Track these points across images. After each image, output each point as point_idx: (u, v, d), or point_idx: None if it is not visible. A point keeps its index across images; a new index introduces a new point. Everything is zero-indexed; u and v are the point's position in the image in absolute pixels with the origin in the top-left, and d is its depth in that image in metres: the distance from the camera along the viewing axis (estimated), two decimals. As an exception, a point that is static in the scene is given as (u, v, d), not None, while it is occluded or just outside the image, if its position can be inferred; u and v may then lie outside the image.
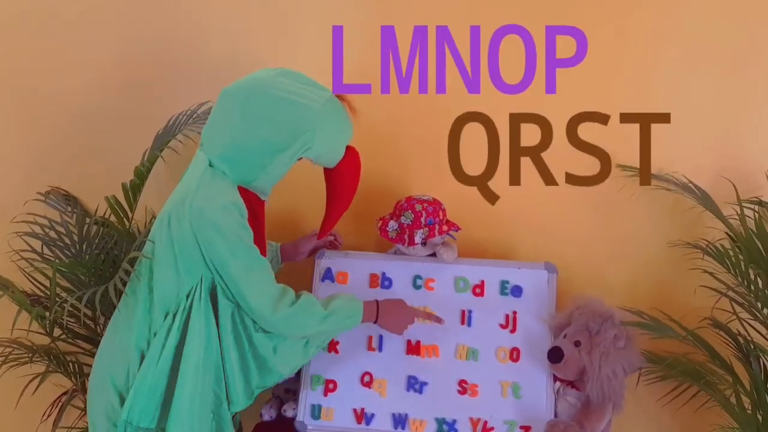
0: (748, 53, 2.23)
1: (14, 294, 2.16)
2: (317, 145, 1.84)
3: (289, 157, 1.83)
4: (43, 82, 2.55)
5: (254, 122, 1.80)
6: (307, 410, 2.14)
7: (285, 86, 1.82)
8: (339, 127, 1.90)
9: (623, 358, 2.01)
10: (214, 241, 1.79)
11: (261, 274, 1.86)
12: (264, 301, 1.84)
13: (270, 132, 1.80)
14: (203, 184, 1.82)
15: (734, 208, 2.16)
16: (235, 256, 1.81)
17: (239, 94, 1.83)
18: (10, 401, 2.40)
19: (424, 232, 2.16)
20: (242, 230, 1.82)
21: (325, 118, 1.83)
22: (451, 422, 2.09)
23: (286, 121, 1.80)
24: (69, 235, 2.28)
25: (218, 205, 1.79)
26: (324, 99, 1.84)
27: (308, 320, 1.89)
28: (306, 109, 1.81)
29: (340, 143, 1.93)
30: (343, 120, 1.91)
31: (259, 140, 1.81)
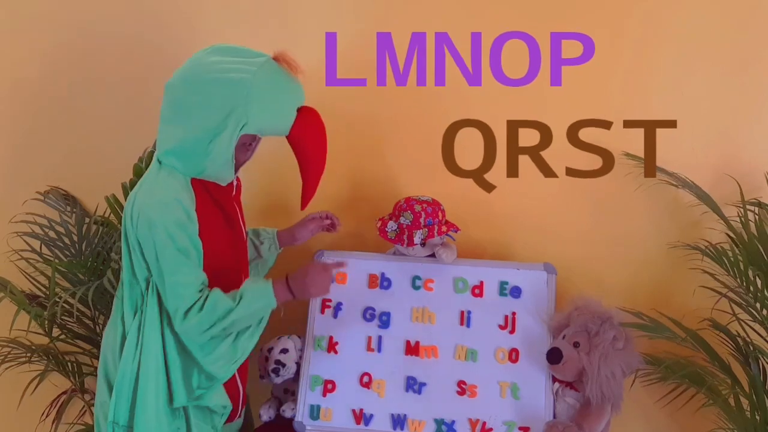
0: (748, 54, 2.23)
1: (13, 294, 2.16)
2: (253, 119, 1.75)
3: (228, 138, 1.75)
4: (43, 82, 2.54)
5: (188, 112, 1.76)
6: (306, 411, 2.15)
7: (214, 66, 1.76)
8: (277, 93, 1.80)
9: (622, 359, 2.01)
10: (146, 238, 1.77)
11: (184, 280, 1.78)
12: (179, 307, 1.79)
13: (204, 118, 1.74)
14: (147, 182, 1.82)
15: (734, 209, 2.16)
16: (161, 254, 1.76)
17: (174, 85, 1.79)
18: (10, 401, 2.40)
19: (423, 233, 2.16)
20: (177, 228, 1.76)
21: (257, 89, 1.74)
22: (450, 423, 2.09)
23: (217, 103, 1.73)
24: (68, 235, 2.28)
25: (156, 200, 1.76)
26: (256, 67, 1.76)
27: (216, 316, 1.80)
28: (234, 85, 1.73)
29: (282, 108, 1.82)
30: (280, 84, 1.80)
31: (195, 128, 1.75)
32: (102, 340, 1.97)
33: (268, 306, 1.87)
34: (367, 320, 2.20)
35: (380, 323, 2.19)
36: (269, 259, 2.22)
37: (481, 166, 2.38)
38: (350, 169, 2.45)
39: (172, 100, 1.79)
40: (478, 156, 2.37)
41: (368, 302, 2.22)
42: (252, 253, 2.17)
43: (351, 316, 2.21)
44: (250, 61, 1.77)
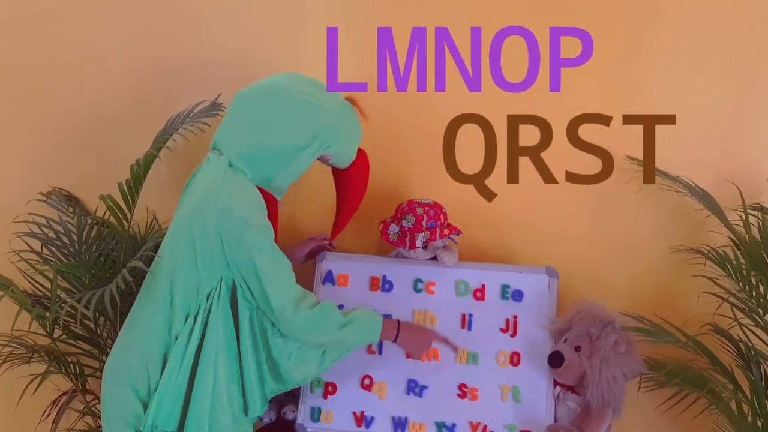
0: (751, 57, 2.23)
1: (14, 294, 2.15)
2: (336, 144, 1.94)
3: (310, 155, 1.90)
4: (44, 83, 2.54)
5: (276, 122, 1.86)
6: (307, 413, 2.14)
7: (301, 89, 1.90)
8: (353, 129, 2.01)
9: (623, 364, 2.01)
10: (241, 237, 1.79)
11: (285, 272, 1.86)
12: (286, 299, 1.83)
13: (291, 131, 1.86)
14: (227, 183, 1.83)
15: (737, 214, 2.16)
16: (261, 251, 1.81)
17: (259, 96, 1.89)
18: (10, 401, 2.39)
19: (425, 236, 2.16)
20: (268, 228, 1.85)
21: (342, 119, 1.95)
22: (450, 426, 2.09)
23: (307, 121, 1.88)
24: (68, 235, 2.27)
25: (246, 201, 1.82)
26: (339, 101, 1.96)
27: (327, 325, 1.87)
28: (324, 110, 1.90)
29: (354, 144, 2.04)
30: (356, 122, 2.01)
31: (281, 140, 1.86)
32: (115, 347, 1.95)
33: (372, 339, 2.00)
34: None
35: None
36: None
37: (483, 168, 2.37)
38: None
39: (254, 109, 1.88)
40: (480, 158, 2.37)
41: (370, 305, 2.20)
42: None
43: (352, 319, 2.21)
44: (331, 96, 1.95)
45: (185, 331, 1.85)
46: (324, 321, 1.87)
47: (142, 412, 1.85)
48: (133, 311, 1.94)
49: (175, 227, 1.90)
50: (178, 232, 1.87)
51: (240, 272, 1.84)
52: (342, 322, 1.89)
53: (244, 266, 1.82)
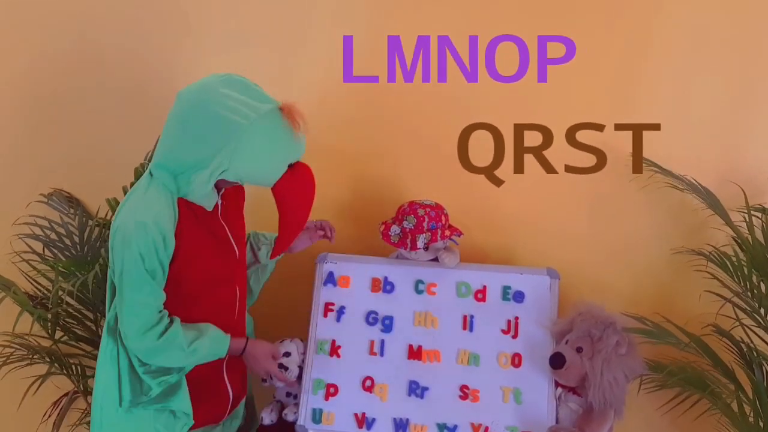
0: (752, 58, 2.23)
1: (16, 295, 2.16)
2: (234, 167, 1.75)
3: (207, 177, 1.76)
4: (45, 84, 2.55)
5: (188, 136, 1.75)
6: (308, 414, 2.14)
7: (222, 98, 1.73)
8: (268, 146, 1.77)
9: (625, 365, 2.01)
10: (118, 253, 1.78)
11: (144, 300, 1.79)
12: (135, 326, 1.80)
13: (197, 148, 1.74)
14: (133, 197, 1.82)
15: (740, 215, 2.16)
16: (127, 273, 1.77)
17: (183, 103, 1.77)
18: (12, 401, 2.40)
19: (426, 237, 2.16)
20: (150, 253, 1.76)
21: (249, 139, 1.73)
22: (452, 427, 2.09)
23: (211, 139, 1.73)
24: (70, 237, 2.28)
25: (133, 221, 1.76)
26: (258, 114, 1.73)
27: (169, 353, 1.84)
28: (231, 127, 1.71)
29: (270, 162, 1.81)
30: (276, 137, 1.78)
31: (189, 155, 1.76)
32: None
33: (218, 355, 1.93)
34: (369, 324, 2.20)
35: (383, 327, 2.19)
36: (268, 265, 2.22)
37: (482, 170, 2.38)
38: (353, 173, 2.45)
39: (178, 113, 1.78)
40: (481, 159, 2.37)
41: (371, 306, 2.21)
42: (250, 258, 2.17)
43: (354, 320, 2.21)
44: (255, 106, 1.74)
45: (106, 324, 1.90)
46: (166, 350, 1.83)
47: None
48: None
49: None
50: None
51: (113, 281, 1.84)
52: (186, 351, 1.84)
53: (116, 278, 1.81)
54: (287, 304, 2.34)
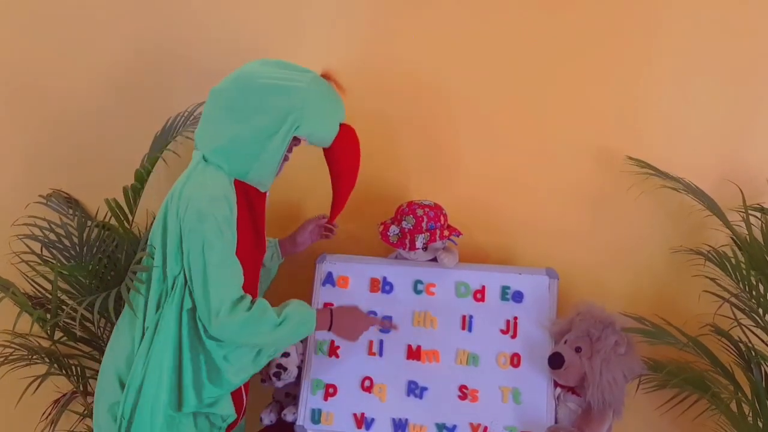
0: (751, 60, 2.23)
1: (15, 296, 2.15)
2: (306, 122, 1.84)
3: (281, 139, 1.83)
4: (44, 84, 2.55)
5: (243, 112, 1.82)
6: (307, 414, 2.14)
7: (268, 73, 1.84)
8: (327, 104, 1.90)
9: (624, 365, 2.01)
10: (194, 229, 1.79)
11: (230, 272, 1.82)
12: (224, 300, 1.80)
13: (259, 118, 1.81)
14: (195, 175, 1.85)
15: (738, 214, 2.16)
16: (210, 246, 1.79)
17: (226, 89, 1.86)
18: (10, 401, 2.39)
19: (425, 237, 2.16)
20: (225, 224, 1.81)
21: (311, 96, 1.84)
22: (451, 427, 2.09)
23: (273, 106, 1.81)
24: (69, 238, 2.28)
25: (207, 194, 1.80)
26: (308, 79, 1.86)
27: (262, 327, 1.84)
28: (291, 90, 1.82)
29: (331, 120, 1.93)
30: (330, 97, 1.91)
31: (250, 128, 1.82)
32: (112, 338, 1.98)
33: (307, 333, 1.97)
34: (381, 330, 2.19)
35: (382, 329, 2.19)
36: (272, 269, 2.23)
37: (484, 170, 2.38)
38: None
39: (223, 102, 1.85)
40: (480, 159, 2.37)
41: (370, 306, 2.21)
42: None
43: (353, 320, 2.21)
44: (301, 74, 1.86)
45: (153, 322, 1.87)
46: (258, 322, 1.84)
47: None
48: (123, 312, 1.97)
49: (154, 226, 1.93)
50: (157, 230, 1.90)
51: (189, 265, 1.82)
52: (276, 322, 1.86)
53: (193, 259, 1.81)
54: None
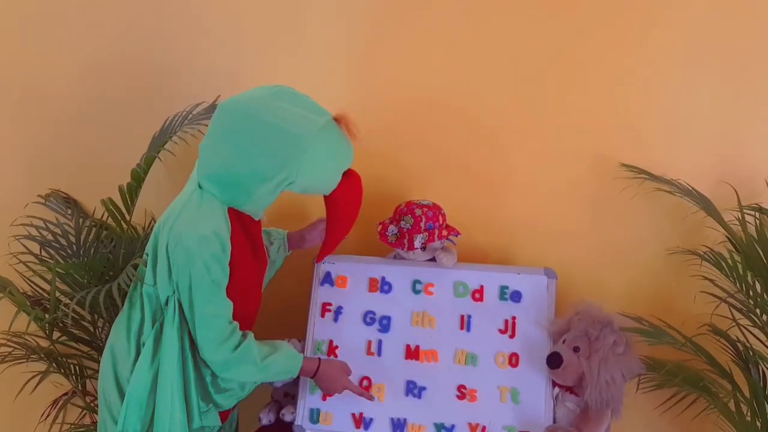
0: (748, 61, 2.23)
1: (13, 295, 2.15)
2: (301, 179, 1.80)
3: (273, 187, 1.80)
4: (42, 84, 2.55)
5: (244, 148, 1.76)
6: (306, 414, 2.14)
7: (279, 111, 1.76)
8: (331, 156, 1.83)
9: (622, 364, 2.01)
10: (182, 267, 1.79)
11: (215, 311, 1.83)
12: (210, 339, 1.83)
13: (257, 160, 1.76)
14: (189, 208, 1.81)
15: (734, 214, 2.16)
16: (197, 287, 1.79)
17: (234, 115, 1.78)
18: (9, 401, 2.39)
19: (423, 237, 2.16)
20: (215, 264, 1.79)
21: (313, 150, 1.76)
22: (449, 427, 2.09)
23: (274, 151, 1.75)
24: (66, 237, 2.27)
25: (197, 234, 1.77)
26: (318, 126, 1.77)
27: (245, 367, 1.88)
28: (295, 139, 1.74)
29: (332, 172, 1.87)
30: (336, 148, 1.84)
31: (247, 167, 1.77)
32: (109, 339, 1.97)
33: (290, 375, 2.00)
34: (367, 324, 2.20)
35: (380, 327, 2.19)
36: (277, 261, 2.22)
37: (482, 170, 2.38)
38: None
39: (228, 126, 1.78)
40: (479, 159, 2.38)
41: (368, 306, 2.22)
42: None
43: (351, 320, 2.21)
44: (313, 118, 1.78)
45: (151, 336, 1.87)
46: (242, 363, 1.87)
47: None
48: (121, 311, 1.98)
49: (150, 242, 1.92)
50: (151, 246, 1.91)
51: (179, 294, 1.84)
52: (259, 366, 1.88)
53: (182, 293, 1.82)
54: (284, 304, 2.34)
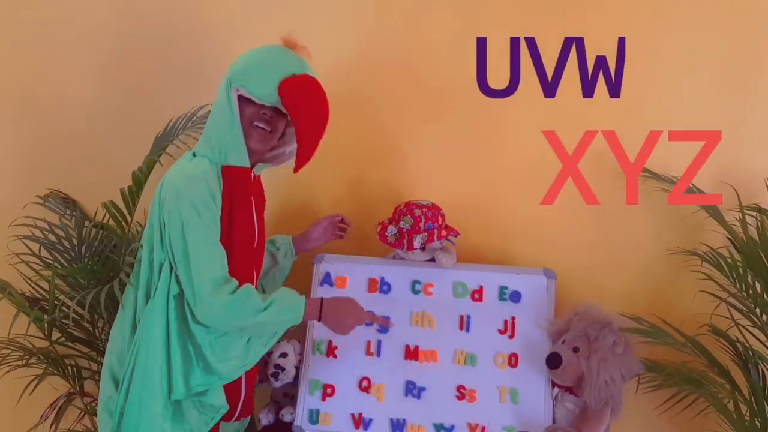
0: (747, 61, 2.24)
1: (12, 296, 2.15)
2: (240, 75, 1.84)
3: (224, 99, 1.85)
4: (42, 85, 2.55)
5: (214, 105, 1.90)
6: (305, 415, 2.14)
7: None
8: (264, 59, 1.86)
9: (621, 364, 2.01)
10: (172, 210, 1.79)
11: (210, 251, 1.80)
12: (206, 280, 1.78)
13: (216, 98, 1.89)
14: (178, 164, 1.90)
15: (733, 215, 2.16)
16: (188, 226, 1.78)
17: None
18: (8, 403, 2.39)
19: (422, 237, 2.16)
20: (202, 205, 1.79)
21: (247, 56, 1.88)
22: (449, 427, 2.09)
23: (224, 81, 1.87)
24: (68, 239, 2.27)
25: (183, 175, 1.82)
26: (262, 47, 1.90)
27: (246, 309, 1.80)
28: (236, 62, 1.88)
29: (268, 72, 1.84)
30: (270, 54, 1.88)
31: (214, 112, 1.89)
32: (110, 338, 1.97)
33: (294, 320, 1.89)
34: (366, 324, 2.19)
35: (380, 327, 2.19)
36: (285, 267, 2.23)
37: (481, 171, 2.39)
38: (350, 173, 2.45)
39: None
40: (478, 159, 2.38)
41: (368, 306, 2.19)
42: (268, 263, 2.18)
43: (350, 321, 2.21)
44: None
45: (143, 313, 1.87)
46: (243, 306, 1.80)
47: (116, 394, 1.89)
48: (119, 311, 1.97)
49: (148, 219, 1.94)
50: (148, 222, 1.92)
51: (171, 248, 1.82)
52: (261, 306, 1.82)
53: (174, 241, 1.80)
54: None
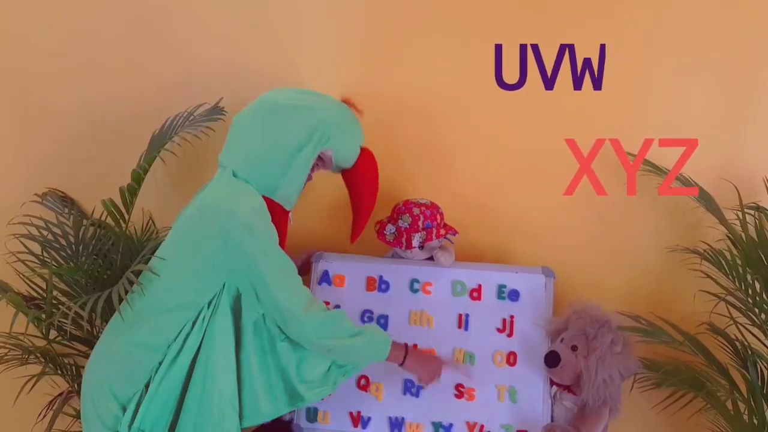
0: (747, 60, 2.24)
1: (10, 296, 2.15)
2: (334, 138, 1.92)
3: (309, 154, 1.89)
4: (40, 84, 2.54)
5: (270, 131, 1.88)
6: (303, 413, 2.14)
7: (289, 96, 1.94)
8: (350, 125, 1.99)
9: (620, 363, 2.01)
10: (245, 241, 1.79)
11: (291, 275, 1.87)
12: (295, 300, 1.83)
13: (284, 137, 1.88)
14: (231, 189, 1.86)
15: (733, 213, 2.16)
16: (266, 254, 1.82)
17: (253, 112, 1.93)
18: (6, 401, 2.39)
19: (421, 236, 2.16)
20: (271, 232, 1.85)
21: (334, 116, 1.94)
22: (447, 426, 2.09)
23: (298, 124, 1.89)
24: (65, 237, 2.27)
25: (248, 207, 1.83)
26: (330, 101, 1.97)
27: (338, 330, 1.86)
28: (314, 110, 1.91)
29: (354, 140, 2.01)
30: (352, 119, 2.00)
31: (277, 146, 1.88)
32: (101, 343, 1.95)
33: (380, 357, 1.95)
34: (365, 323, 2.20)
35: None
36: None
37: (480, 169, 2.38)
38: (349, 172, 2.45)
39: (248, 125, 1.92)
40: (478, 159, 2.38)
41: (366, 305, 2.22)
42: None
43: (349, 319, 2.21)
44: (321, 98, 1.97)
45: (181, 337, 1.85)
46: (336, 325, 1.86)
47: (121, 414, 1.85)
48: (116, 316, 1.91)
49: (174, 235, 1.90)
50: (178, 239, 1.88)
51: (246, 277, 1.83)
52: (353, 332, 1.88)
53: (249, 271, 1.82)
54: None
